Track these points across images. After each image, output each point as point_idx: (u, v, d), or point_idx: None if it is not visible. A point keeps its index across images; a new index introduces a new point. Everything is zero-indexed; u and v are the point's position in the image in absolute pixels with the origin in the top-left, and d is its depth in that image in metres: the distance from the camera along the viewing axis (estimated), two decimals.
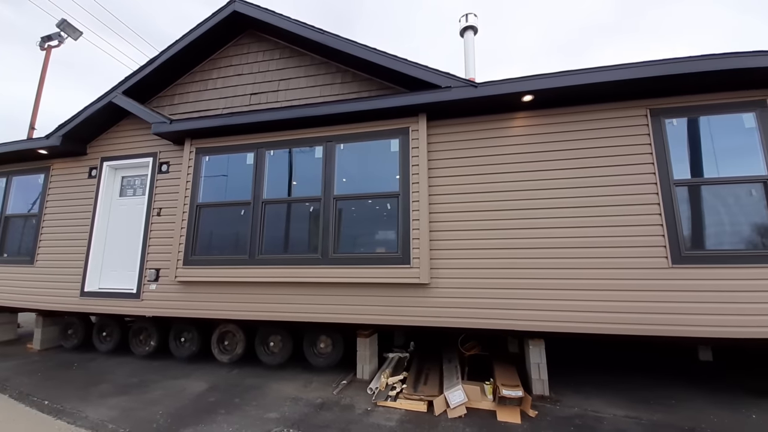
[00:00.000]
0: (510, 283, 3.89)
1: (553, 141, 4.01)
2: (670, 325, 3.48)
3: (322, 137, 4.60)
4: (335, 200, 4.41)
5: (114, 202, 5.75)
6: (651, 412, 3.55)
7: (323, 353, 4.92)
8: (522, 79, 3.82)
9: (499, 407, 3.70)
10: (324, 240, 4.34)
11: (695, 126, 3.76)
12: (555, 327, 3.76)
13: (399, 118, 4.32)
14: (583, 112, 3.99)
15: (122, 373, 4.96)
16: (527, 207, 3.97)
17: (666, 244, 3.58)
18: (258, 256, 4.56)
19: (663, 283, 3.55)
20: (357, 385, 4.43)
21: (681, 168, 3.69)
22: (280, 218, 4.70)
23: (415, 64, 4.15)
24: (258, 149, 4.85)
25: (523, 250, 3.92)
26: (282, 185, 4.75)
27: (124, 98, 5.36)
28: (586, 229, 3.80)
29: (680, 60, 3.57)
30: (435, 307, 4.01)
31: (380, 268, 4.10)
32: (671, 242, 3.58)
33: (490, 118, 4.19)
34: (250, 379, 4.69)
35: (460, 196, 4.14)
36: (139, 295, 5.09)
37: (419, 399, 3.91)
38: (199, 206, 4.97)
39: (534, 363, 4.06)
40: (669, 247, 3.57)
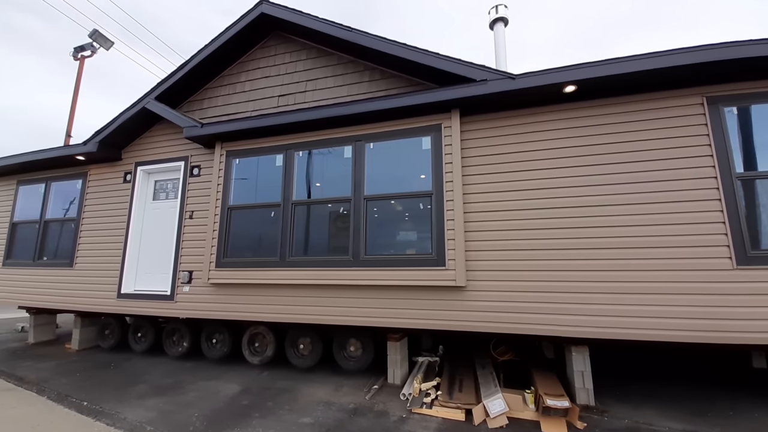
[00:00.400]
0: (554, 286, 3.66)
1: (599, 134, 3.76)
2: (735, 331, 3.18)
3: (352, 137, 4.52)
4: (366, 200, 4.32)
5: (148, 206, 5.88)
6: (710, 425, 3.27)
7: (353, 357, 4.84)
8: (565, 68, 3.60)
9: (543, 418, 3.50)
10: (355, 241, 4.25)
11: (760, 114, 3.44)
12: (603, 333, 3.51)
13: (430, 115, 4.18)
14: (630, 103, 3.72)
15: (157, 373, 5.03)
16: (571, 205, 3.74)
17: (729, 244, 3.28)
18: (289, 257, 4.53)
19: (726, 286, 3.24)
20: (389, 390, 4.31)
21: (744, 161, 3.38)
22: (309, 219, 4.65)
23: (448, 57, 4.00)
24: (287, 151, 4.82)
25: (567, 251, 3.69)
26: (312, 186, 4.70)
27: (156, 104, 5.48)
28: (637, 228, 3.53)
29: (741, 43, 3.27)
30: (472, 311, 3.83)
31: (414, 270, 3.97)
32: (735, 242, 3.27)
33: (527, 111, 3.98)
34: (281, 381, 4.66)
35: (497, 194, 3.95)
36: (173, 296, 5.16)
37: (456, 407, 3.76)
38: (230, 208, 4.99)
39: (578, 371, 3.82)
40: (733, 247, 3.27)
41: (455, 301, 3.88)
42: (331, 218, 4.52)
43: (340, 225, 4.42)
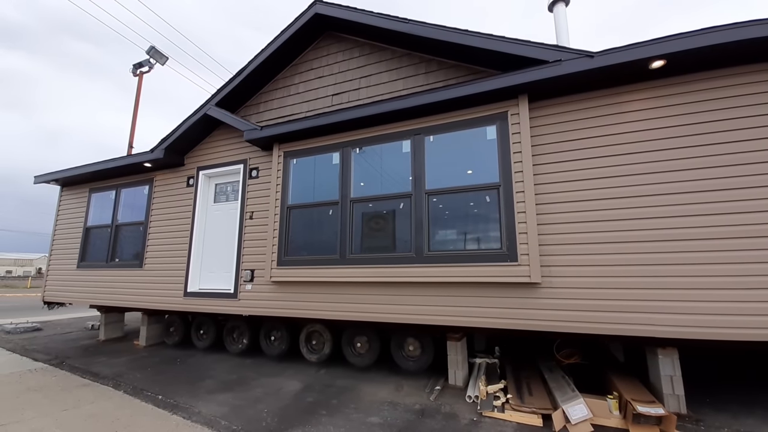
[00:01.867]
0: (642, 282, 3.31)
1: (690, 113, 3.37)
2: None
3: (410, 131, 4.42)
4: (427, 195, 4.19)
5: (209, 208, 6.15)
6: None
7: (412, 356, 4.70)
8: (653, 41, 3.25)
9: (633, 426, 3.18)
10: (417, 237, 4.13)
11: None
12: (699, 334, 3.11)
13: (495, 103, 3.98)
14: (721, 78, 3.31)
15: (221, 369, 5.19)
16: (657, 192, 3.37)
17: None
18: (349, 255, 4.50)
19: None
20: (452, 392, 4.14)
21: None
22: (369, 216, 4.60)
23: (515, 39, 3.79)
24: (343, 149, 4.82)
25: (657, 243, 3.31)
26: (370, 183, 4.66)
27: (217, 109, 5.73)
28: (739, 216, 3.11)
29: None
30: (547, 309, 3.57)
31: (482, 266, 3.77)
32: None
33: (605, 92, 3.65)
34: (340, 380, 4.63)
35: (573, 183, 3.66)
36: (236, 294, 5.32)
37: (531, 411, 3.51)
38: (289, 208, 5.08)
39: (665, 375, 3.45)
40: None
41: (528, 299, 3.64)
42: (391, 215, 4.44)
43: (400, 221, 4.33)
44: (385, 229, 4.46)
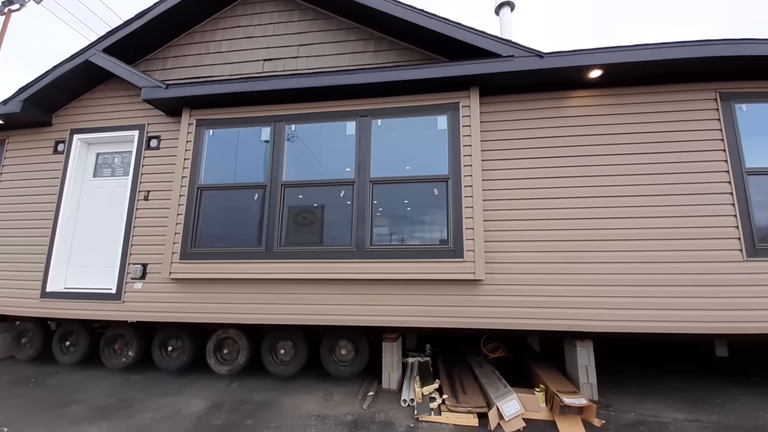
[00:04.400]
0: (573, 279, 3.47)
1: (619, 123, 3.66)
2: (746, 321, 3.23)
3: (355, 111, 3.98)
4: (372, 184, 3.80)
5: (86, 184, 4.76)
6: (707, 413, 3.30)
7: (345, 360, 4.28)
8: (593, 50, 3.44)
9: (560, 417, 3.27)
10: (359, 230, 3.72)
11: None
12: (618, 327, 3.40)
13: (447, 92, 3.79)
14: (649, 93, 3.67)
15: (96, 391, 4.03)
16: (591, 195, 3.58)
17: (740, 236, 3.33)
18: (277, 248, 3.85)
19: (737, 278, 3.29)
20: (386, 397, 3.84)
21: (753, 156, 3.47)
22: (303, 204, 4.02)
23: (471, 28, 3.66)
24: (275, 123, 4.14)
25: (584, 242, 3.52)
26: (306, 166, 4.08)
27: (105, 57, 4.44)
28: (654, 220, 3.47)
29: (752, 41, 3.35)
30: (489, 306, 3.51)
31: (428, 263, 3.55)
32: (745, 234, 3.33)
33: (549, 95, 3.77)
34: (258, 393, 3.96)
35: (515, 182, 3.69)
36: (119, 296, 4.18)
37: (467, 411, 3.41)
38: (200, 189, 4.17)
39: (582, 365, 3.69)
40: (743, 239, 3.32)
41: (471, 296, 3.53)
42: (331, 203, 3.94)
43: (340, 211, 3.86)
44: (322, 220, 3.95)
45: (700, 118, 3.58)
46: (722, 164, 3.47)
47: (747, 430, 3.00)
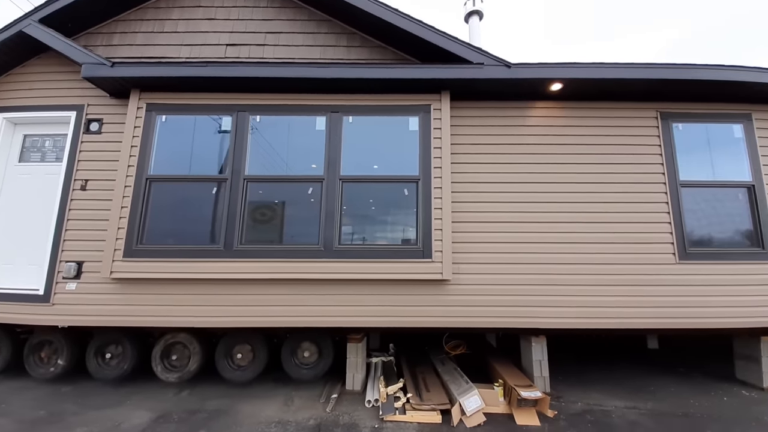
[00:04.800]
0: (531, 279, 3.68)
1: (575, 135, 3.93)
2: (677, 317, 3.62)
3: (326, 106, 3.86)
4: (342, 182, 3.71)
5: (10, 170, 4.13)
6: (643, 401, 3.67)
7: (307, 363, 4.13)
8: (554, 65, 3.65)
9: (517, 410, 3.44)
10: (327, 228, 3.61)
11: (697, 131, 4.02)
12: (569, 323, 3.66)
13: (419, 94, 3.81)
14: (602, 109, 3.99)
15: (22, 403, 3.54)
16: (549, 200, 3.81)
17: (674, 241, 3.73)
18: (237, 246, 3.62)
19: (671, 278, 3.68)
20: (350, 398, 3.79)
21: (686, 170, 3.90)
22: (267, 200, 3.82)
23: (445, 33, 3.70)
24: (238, 112, 3.88)
25: (543, 244, 3.74)
26: (271, 160, 3.87)
27: (41, 28, 3.87)
28: (602, 225, 3.78)
29: (690, 66, 3.75)
30: (455, 306, 3.59)
31: (397, 263, 3.54)
32: (678, 239, 3.73)
33: (515, 104, 3.95)
34: (212, 401, 3.70)
35: (481, 185, 3.82)
36: (48, 297, 3.68)
37: (431, 409, 3.46)
38: (150, 180, 3.79)
39: (536, 360, 3.92)
40: (676, 244, 3.73)
41: (438, 296, 3.59)
42: (298, 200, 3.78)
43: (308, 209, 3.72)
44: (288, 217, 3.78)
45: (644, 134, 3.95)
46: (660, 176, 3.87)
47: (679, 416, 3.36)
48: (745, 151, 3.93)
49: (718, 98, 3.98)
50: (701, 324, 3.60)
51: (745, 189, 3.88)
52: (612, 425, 3.19)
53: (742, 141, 3.95)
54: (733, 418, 3.30)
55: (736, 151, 3.94)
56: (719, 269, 3.67)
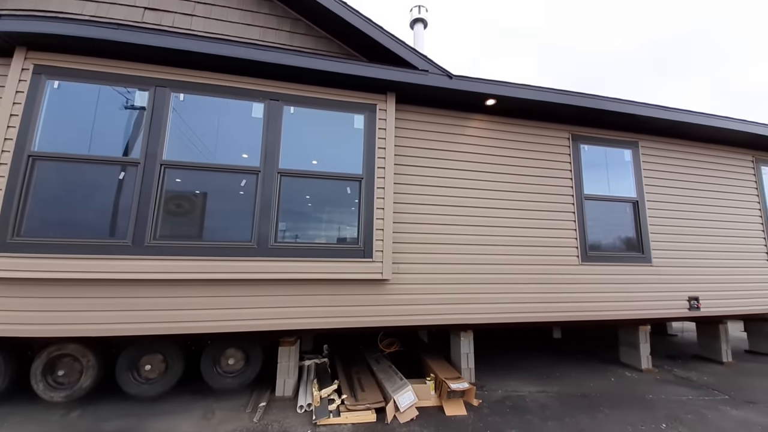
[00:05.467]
0: (462, 278, 3.91)
1: (505, 147, 4.30)
2: (580, 311, 4.20)
3: (264, 92, 3.56)
4: (280, 175, 3.46)
5: None
6: (551, 385, 4.20)
7: (232, 371, 3.79)
8: (489, 81, 3.92)
9: (446, 402, 3.62)
10: (262, 224, 3.33)
11: (598, 153, 4.70)
12: (495, 318, 3.99)
13: (366, 92, 3.76)
14: (528, 126, 4.43)
15: None
16: (479, 206, 4.09)
17: (578, 246, 4.32)
18: (150, 241, 3.13)
19: (575, 277, 4.25)
20: (281, 405, 3.59)
21: (588, 185, 4.53)
22: (189, 190, 3.38)
23: (394, 36, 3.71)
24: (157, 87, 3.37)
25: (472, 246, 4.01)
26: (195, 145, 3.43)
27: None
28: (524, 230, 4.20)
29: (595, 97, 4.38)
30: (394, 305, 3.63)
31: (337, 262, 3.43)
32: (581, 244, 4.33)
33: (455, 113, 4.16)
34: (110, 422, 3.18)
35: (421, 188, 3.94)
36: None
37: (366, 408, 3.47)
38: (33, 157, 3.06)
39: (464, 353, 4.18)
40: (580, 248, 4.32)
41: (378, 296, 3.59)
42: (226, 192, 3.42)
43: (240, 202, 3.39)
44: (215, 211, 3.40)
45: (559, 152, 4.50)
46: (570, 189, 4.44)
47: (578, 396, 3.88)
48: (632, 172, 4.73)
49: (615, 126, 4.72)
50: (597, 316, 4.23)
51: (631, 204, 4.68)
52: (526, 408, 3.55)
53: (631, 164, 4.75)
54: (620, 395, 3.94)
55: (625, 172, 4.72)
56: (611, 270, 4.36)
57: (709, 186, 5.03)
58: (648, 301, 4.43)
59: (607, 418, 3.34)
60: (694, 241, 4.76)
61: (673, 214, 4.77)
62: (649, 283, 4.47)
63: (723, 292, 4.72)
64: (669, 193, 4.82)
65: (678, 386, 4.20)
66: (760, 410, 3.50)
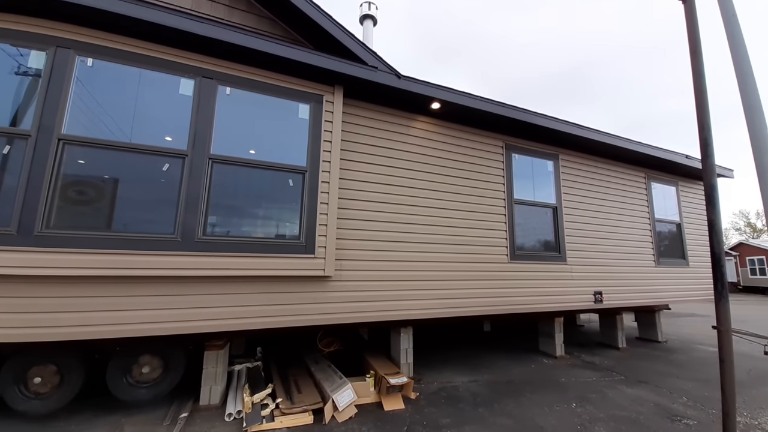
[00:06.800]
0: (403, 275, 3.97)
1: (447, 150, 4.48)
2: (510, 305, 4.53)
3: (197, 68, 3.19)
4: (212, 161, 3.13)
5: None
6: (481, 374, 4.51)
7: (147, 381, 3.34)
8: (434, 86, 4.04)
9: (385, 397, 3.65)
10: (188, 215, 2.97)
11: (526, 162, 5.14)
12: (432, 314, 4.12)
13: (312, 82, 3.59)
14: (469, 132, 4.68)
15: None
16: (419, 204, 4.20)
17: (508, 246, 4.67)
18: (41, 229, 2.60)
19: (505, 274, 4.59)
20: (206, 415, 3.28)
21: (517, 191, 4.93)
22: (93, 173, 2.87)
23: (345, 28, 3.59)
24: (58, 48, 2.81)
25: (414, 244, 4.09)
26: (104, 120, 2.94)
27: None
28: (461, 229, 4.41)
29: (524, 111, 4.78)
30: (336, 302, 3.53)
31: (276, 258, 3.21)
32: (510, 244, 4.69)
33: (402, 114, 4.22)
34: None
35: (365, 184, 3.90)
36: None
37: (302, 410, 3.34)
38: None
39: (403, 348, 4.27)
40: (509, 247, 4.67)
41: (319, 293, 3.45)
42: (145, 177, 2.98)
43: (162, 189, 2.98)
44: (126, 198, 2.94)
45: (494, 158, 4.82)
46: (502, 194, 4.78)
47: (505, 383, 4.19)
48: (553, 181, 5.27)
49: (540, 139, 5.22)
50: (523, 309, 4.61)
51: (551, 209, 5.21)
52: (460, 398, 3.73)
53: (552, 174, 5.29)
54: (539, 380, 4.34)
55: (548, 181, 5.24)
56: (534, 267, 4.80)
57: (611, 196, 5.84)
58: (563, 295, 4.97)
59: (530, 401, 3.66)
60: (599, 243, 5.48)
61: (584, 219, 5.44)
62: (564, 280, 5.02)
63: (621, 287, 5.51)
64: (581, 200, 5.48)
65: (585, 370, 4.78)
66: (650, 389, 4.13)
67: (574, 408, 3.53)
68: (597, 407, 3.56)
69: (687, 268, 6.45)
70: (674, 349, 6.07)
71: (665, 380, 4.41)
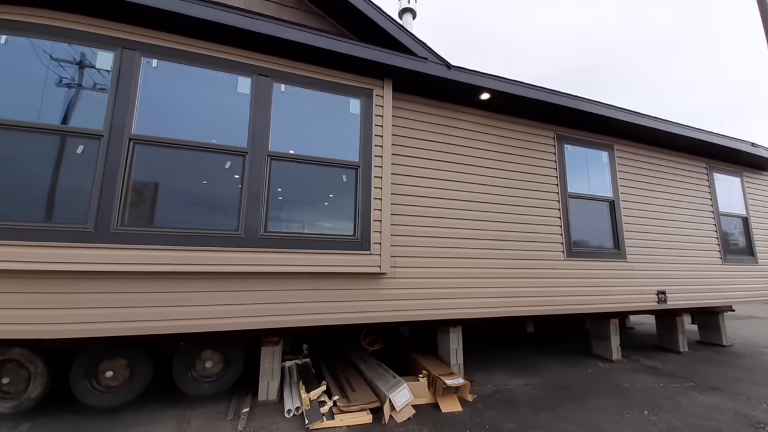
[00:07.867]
0: (455, 273, 3.85)
1: (497, 143, 4.32)
2: (565, 305, 4.31)
3: (253, 66, 3.21)
4: (270, 159, 3.14)
5: None
6: (534, 378, 4.29)
7: (209, 375, 3.41)
8: (485, 75, 3.89)
9: (441, 398, 3.54)
10: (250, 212, 3.00)
11: (579, 154, 4.87)
12: (483, 313, 3.96)
13: (362, 76, 3.54)
14: (519, 124, 4.48)
15: None
16: (471, 200, 4.06)
17: (563, 242, 4.44)
18: (117, 227, 2.68)
19: (560, 272, 4.36)
20: (265, 410, 3.30)
21: (572, 185, 4.68)
22: (164, 171, 2.95)
23: (392, 18, 3.52)
24: (124, 49, 2.90)
25: (465, 240, 3.96)
26: (171, 118, 3.01)
27: None
28: (515, 225, 4.24)
29: (580, 99, 4.52)
30: (390, 300, 3.46)
31: (331, 254, 3.19)
32: (566, 240, 4.46)
33: (449, 105, 4.09)
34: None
35: (417, 179, 3.81)
36: None
37: (360, 409, 3.28)
38: None
39: (453, 349, 4.11)
40: (564, 244, 4.44)
41: (375, 290, 3.40)
42: (208, 174, 3.03)
43: (224, 186, 3.03)
44: (194, 195, 3.00)
45: (546, 150, 4.60)
46: (555, 187, 4.56)
47: (562, 387, 3.99)
48: (609, 173, 4.97)
49: (593, 129, 4.92)
50: (578, 309, 4.38)
51: (608, 203, 4.91)
52: (518, 401, 3.57)
53: (607, 165, 4.99)
54: (598, 384, 4.10)
55: (603, 173, 4.95)
56: (592, 265, 4.55)
57: (672, 188, 5.44)
58: (622, 294, 4.68)
59: (593, 407, 3.44)
60: (660, 239, 5.12)
61: (643, 213, 5.09)
62: (623, 278, 4.72)
63: (684, 286, 5.13)
64: (639, 193, 5.14)
65: (647, 375, 4.47)
66: (725, 395, 3.81)
67: (647, 416, 3.29)
68: (672, 415, 3.30)
69: (755, 266, 5.93)
70: (740, 354, 5.61)
71: (739, 386, 4.07)
